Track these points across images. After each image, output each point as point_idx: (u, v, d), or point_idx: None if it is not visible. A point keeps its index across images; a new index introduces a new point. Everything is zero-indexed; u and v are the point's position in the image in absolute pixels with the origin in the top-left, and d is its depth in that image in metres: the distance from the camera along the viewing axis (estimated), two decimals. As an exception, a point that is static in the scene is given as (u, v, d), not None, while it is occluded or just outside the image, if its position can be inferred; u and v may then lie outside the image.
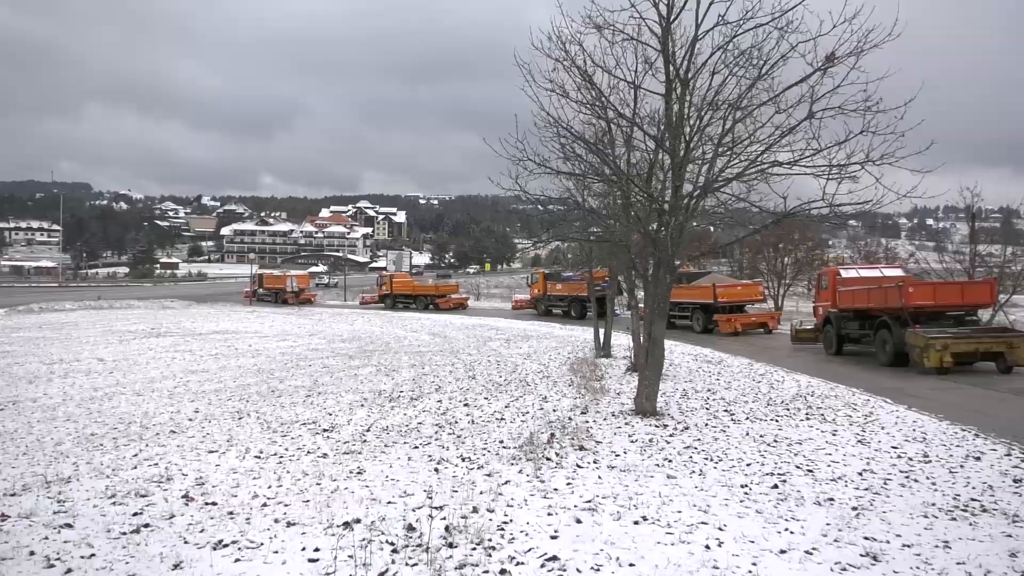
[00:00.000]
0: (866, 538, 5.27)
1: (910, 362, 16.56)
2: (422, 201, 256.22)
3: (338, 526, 5.54)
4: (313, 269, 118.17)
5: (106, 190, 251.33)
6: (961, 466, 7.56)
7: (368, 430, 9.51)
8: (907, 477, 7.08)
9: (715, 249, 29.36)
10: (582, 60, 9.91)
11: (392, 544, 5.13)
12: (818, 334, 22.17)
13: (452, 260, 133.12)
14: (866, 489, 6.62)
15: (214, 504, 6.23)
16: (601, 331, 19.87)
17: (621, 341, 21.21)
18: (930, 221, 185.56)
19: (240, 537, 5.34)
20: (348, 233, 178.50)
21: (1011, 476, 7.16)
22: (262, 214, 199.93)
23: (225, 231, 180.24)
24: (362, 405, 11.57)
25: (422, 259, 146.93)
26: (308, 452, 8.30)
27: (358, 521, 5.64)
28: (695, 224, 14.08)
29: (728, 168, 9.69)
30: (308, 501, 6.27)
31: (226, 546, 5.17)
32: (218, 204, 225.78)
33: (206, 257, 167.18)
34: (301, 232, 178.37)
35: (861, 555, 4.93)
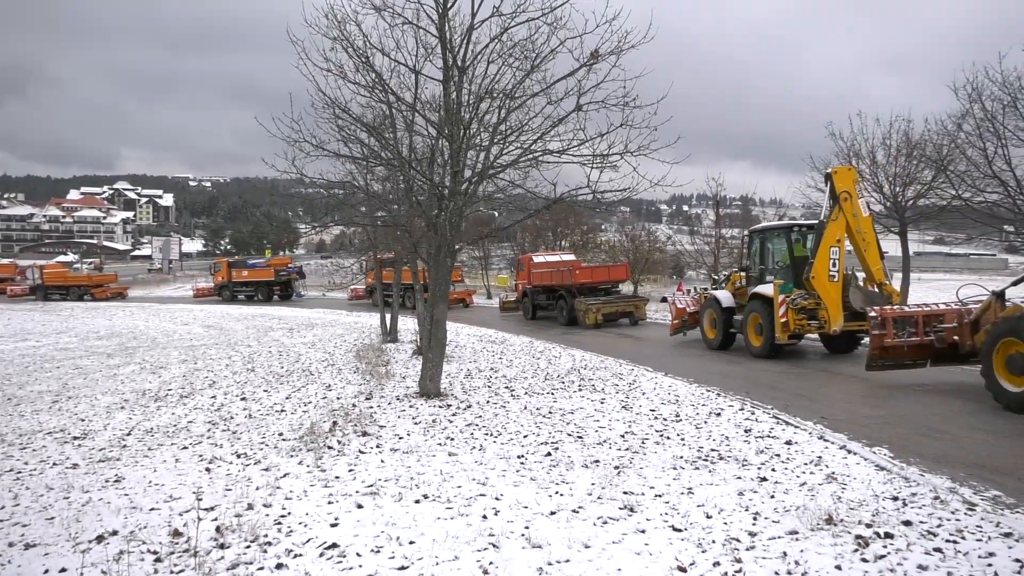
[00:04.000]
0: (625, 493, 5.83)
1: (578, 321, 23.60)
2: (193, 183, 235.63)
3: (90, 541, 5.00)
4: (62, 258, 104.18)
5: None
6: (705, 422, 8.60)
7: (129, 434, 8.66)
8: (661, 436, 7.91)
9: (497, 232, 30.88)
10: (361, 41, 9.71)
11: (155, 553, 4.74)
12: (519, 304, 29.60)
13: (228, 247, 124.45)
14: (627, 449, 7.30)
15: (-72, 533, 5.32)
16: (388, 316, 19.77)
17: (408, 326, 21.27)
18: (686, 208, 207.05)
19: (-37, 568, 4.63)
20: (104, 218, 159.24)
21: (743, 427, 8.28)
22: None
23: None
24: (122, 407, 10.49)
25: (194, 246, 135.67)
26: (54, 464, 7.37)
27: (114, 533, 5.14)
28: (480, 209, 14.51)
29: (503, 155, 10.06)
30: (53, 518, 5.58)
31: (-56, 580, 4.45)
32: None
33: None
34: (45, 216, 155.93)
35: (620, 508, 5.44)
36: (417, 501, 5.68)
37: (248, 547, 4.79)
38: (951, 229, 31.18)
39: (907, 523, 5.06)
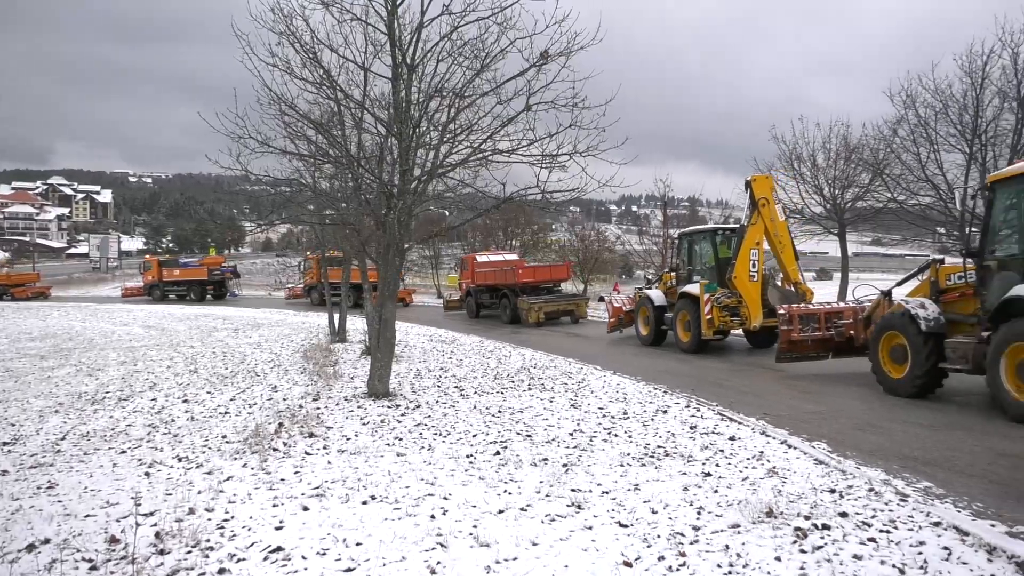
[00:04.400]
0: (573, 490, 5.88)
1: (521, 320, 24.31)
2: (133, 179, 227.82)
3: (19, 550, 4.80)
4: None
5: None
6: (652, 419, 8.73)
7: (63, 438, 8.33)
8: (609, 433, 8.00)
9: (447, 231, 31.09)
10: (308, 37, 9.56)
11: (90, 561, 4.58)
12: (462, 303, 30.29)
13: (171, 244, 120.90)
14: (575, 447, 7.36)
15: None
16: (336, 316, 19.52)
17: (357, 325, 21.04)
18: (635, 208, 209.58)
19: None
20: (37, 214, 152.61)
21: (689, 424, 8.44)
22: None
23: None
24: (56, 411, 10.09)
25: (134, 244, 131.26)
26: (-19, 471, 7.04)
27: (46, 541, 4.94)
28: (430, 208, 14.43)
29: (453, 154, 10.03)
30: (-21, 528, 5.33)
31: None
32: None
33: None
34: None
35: (568, 505, 5.49)
36: (364, 502, 5.62)
37: (189, 552, 4.67)
38: (887, 231, 32.42)
39: (843, 514, 5.23)
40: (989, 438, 7.62)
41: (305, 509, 5.48)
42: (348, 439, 7.81)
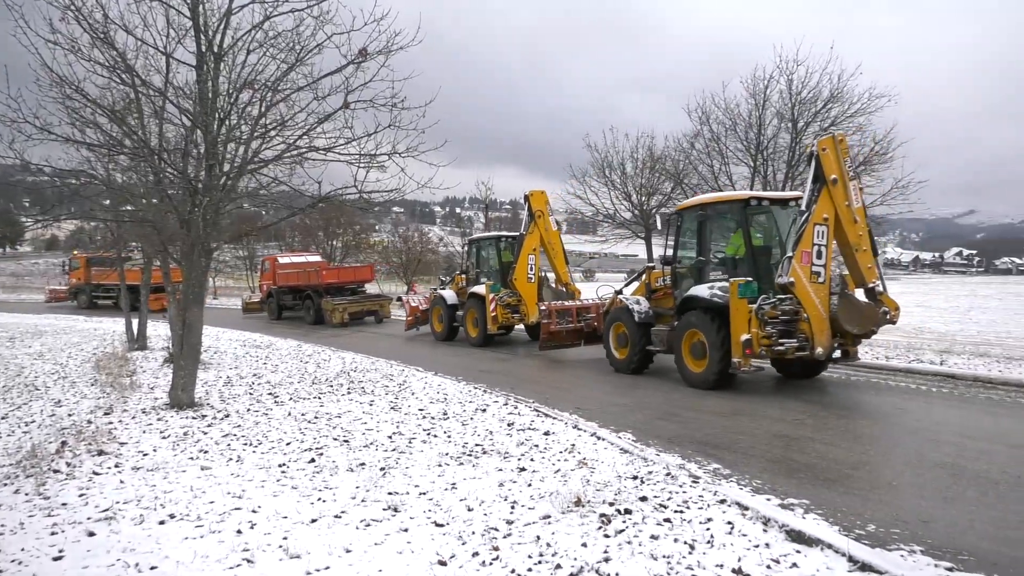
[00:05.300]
0: (390, 493, 5.82)
1: (325, 320, 24.88)
2: None
3: None
4: None
5: None
6: (472, 418, 8.85)
7: None
8: (428, 434, 8.01)
9: (260, 230, 29.59)
10: (100, 15, 8.64)
11: None
12: (263, 304, 30.32)
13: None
14: (394, 450, 7.30)
15: None
16: (135, 321, 17.87)
17: (160, 331, 19.41)
18: (459, 210, 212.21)
19: None
20: None
21: (507, 421, 8.65)
22: None
23: None
24: None
25: None
26: None
27: None
28: (242, 206, 13.62)
29: (266, 149, 9.56)
30: None
31: None
32: None
33: None
34: None
35: (384, 509, 5.43)
36: (162, 522, 5.19)
37: (-59, 596, 4.06)
38: (688, 236, 35.33)
39: (643, 499, 5.64)
40: (767, 422, 8.57)
41: (91, 535, 4.96)
42: (145, 455, 7.17)
